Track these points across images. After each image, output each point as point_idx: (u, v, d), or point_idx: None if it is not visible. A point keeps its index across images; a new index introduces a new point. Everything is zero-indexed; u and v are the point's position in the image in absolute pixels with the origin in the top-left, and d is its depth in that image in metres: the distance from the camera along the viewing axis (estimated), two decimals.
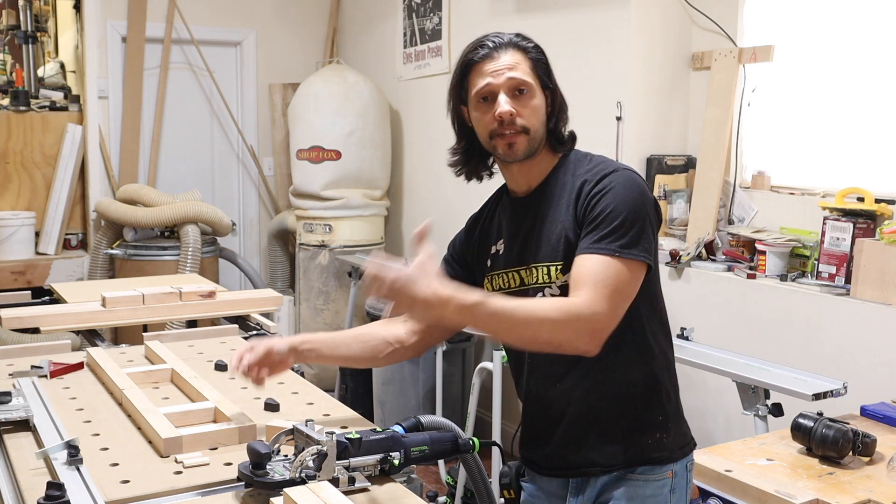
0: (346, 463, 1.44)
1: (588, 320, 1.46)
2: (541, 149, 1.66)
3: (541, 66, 1.66)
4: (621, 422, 1.62)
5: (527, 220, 1.67)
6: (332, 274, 5.02)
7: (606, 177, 1.58)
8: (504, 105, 1.59)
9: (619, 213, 1.52)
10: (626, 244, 1.51)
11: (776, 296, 3.09)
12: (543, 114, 1.64)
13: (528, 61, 1.64)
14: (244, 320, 2.66)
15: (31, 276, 4.94)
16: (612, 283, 1.48)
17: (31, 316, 2.47)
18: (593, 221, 1.54)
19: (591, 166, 1.63)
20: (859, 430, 1.70)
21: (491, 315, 1.45)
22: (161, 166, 5.56)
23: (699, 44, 3.70)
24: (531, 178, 1.68)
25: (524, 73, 1.62)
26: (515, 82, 1.61)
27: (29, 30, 5.45)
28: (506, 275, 1.69)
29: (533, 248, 1.64)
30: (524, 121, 1.61)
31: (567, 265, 1.56)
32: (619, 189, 1.55)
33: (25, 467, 1.48)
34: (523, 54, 1.64)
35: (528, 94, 1.62)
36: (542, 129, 1.64)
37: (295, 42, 5.84)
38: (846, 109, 3.15)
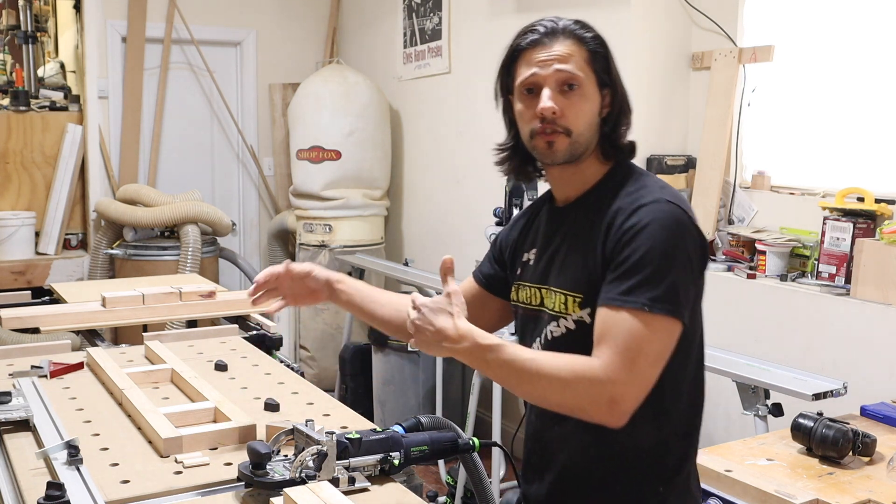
0: (346, 463, 1.44)
1: (604, 387, 1.27)
2: (587, 155, 1.46)
3: (599, 59, 1.46)
4: (616, 486, 1.45)
5: (558, 234, 1.51)
6: None
7: (641, 209, 1.36)
8: (546, 101, 1.41)
9: (651, 259, 1.31)
10: (657, 297, 1.30)
11: (776, 296, 3.08)
12: (594, 115, 1.45)
13: (583, 53, 1.44)
14: (244, 320, 2.66)
15: (31, 276, 4.95)
16: (638, 345, 1.28)
17: (31, 316, 2.47)
18: (621, 265, 1.33)
19: (632, 189, 1.42)
20: (859, 430, 1.70)
21: (502, 363, 1.33)
22: (161, 166, 5.56)
23: (699, 44, 3.70)
24: (572, 187, 1.50)
25: (576, 67, 1.42)
26: (564, 76, 1.41)
27: (29, 30, 5.46)
28: (529, 289, 1.54)
29: (556, 269, 1.48)
30: (568, 121, 1.42)
31: (587, 300, 1.39)
32: (655, 228, 1.33)
33: (25, 467, 1.48)
34: (579, 44, 1.44)
35: (577, 90, 1.42)
36: (590, 133, 1.44)
37: (295, 42, 5.84)
38: (846, 109, 3.15)
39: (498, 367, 1.35)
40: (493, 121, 1.59)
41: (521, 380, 1.33)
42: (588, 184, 1.49)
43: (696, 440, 1.52)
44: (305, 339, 5.15)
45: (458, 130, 4.68)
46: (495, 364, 1.34)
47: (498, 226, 3.33)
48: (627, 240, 1.34)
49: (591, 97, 1.44)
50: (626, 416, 1.29)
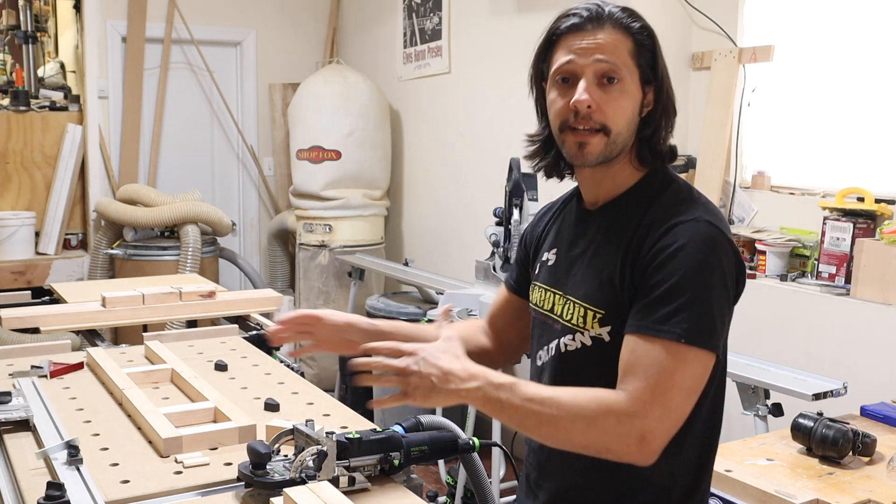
0: (346, 463, 1.44)
1: (633, 423, 1.17)
2: (621, 157, 1.33)
3: (646, 53, 1.32)
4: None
5: (584, 239, 1.39)
6: (332, 274, 5.02)
7: (677, 227, 1.24)
8: (582, 93, 1.27)
9: (687, 286, 1.20)
10: (693, 329, 1.19)
11: (776, 296, 3.08)
12: (634, 114, 1.31)
13: (628, 44, 1.30)
14: (244, 320, 2.66)
15: (31, 276, 4.95)
16: (670, 378, 1.18)
17: (31, 316, 2.47)
18: (654, 289, 1.22)
19: (668, 203, 1.30)
20: (859, 430, 1.70)
21: (518, 404, 1.22)
22: (161, 166, 5.56)
23: (699, 44, 3.70)
24: (603, 191, 1.38)
25: (619, 58, 1.29)
26: (605, 67, 1.28)
27: (29, 30, 5.46)
28: (544, 291, 1.44)
29: (577, 279, 1.37)
30: (605, 118, 1.28)
31: (608, 318, 1.29)
32: (691, 251, 1.22)
33: (25, 467, 1.48)
34: (625, 34, 1.31)
35: (619, 84, 1.28)
36: (628, 134, 1.31)
37: (295, 42, 5.84)
38: (846, 109, 3.15)
39: (513, 409, 1.23)
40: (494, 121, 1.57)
41: (541, 421, 1.22)
42: (620, 188, 1.36)
43: (708, 472, 1.39)
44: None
45: (458, 130, 4.68)
46: (510, 405, 1.23)
47: (498, 226, 3.32)
48: (661, 261, 1.23)
49: (632, 94, 1.31)
50: (655, 454, 1.20)
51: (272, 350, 2.43)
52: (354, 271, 4.68)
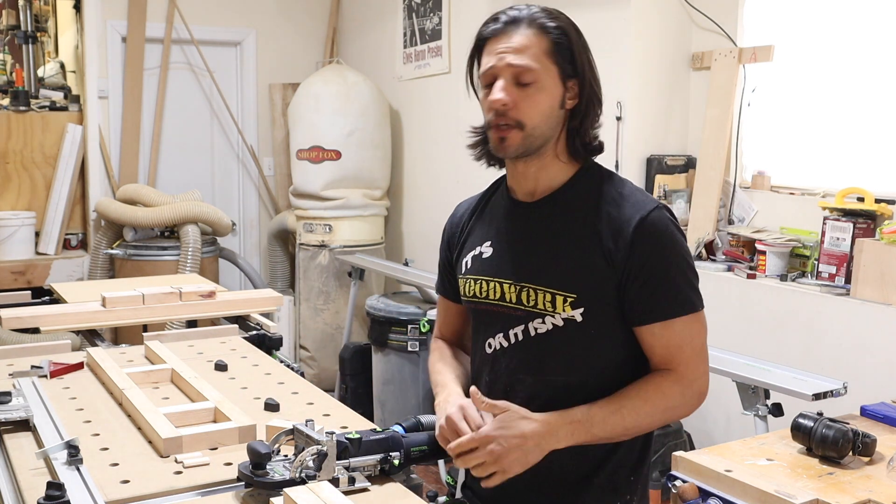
0: (346, 463, 1.44)
1: (692, 388, 1.42)
2: (545, 149, 1.44)
3: (563, 50, 1.41)
4: (594, 479, 1.47)
5: (530, 230, 1.48)
6: (332, 274, 5.02)
7: (651, 219, 1.40)
8: (496, 93, 1.39)
9: (682, 267, 1.41)
10: (696, 298, 1.43)
11: (776, 296, 3.08)
12: (552, 108, 1.41)
13: (544, 43, 1.40)
14: (244, 320, 2.66)
15: (31, 276, 4.95)
16: (700, 342, 1.43)
17: (31, 316, 2.47)
18: (654, 281, 1.39)
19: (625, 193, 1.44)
20: (859, 430, 1.70)
21: (604, 422, 1.38)
22: (161, 166, 5.56)
23: (699, 44, 3.70)
24: (537, 183, 1.48)
25: (533, 58, 1.38)
26: (517, 69, 1.38)
27: (29, 30, 5.46)
28: (486, 283, 1.50)
29: (534, 267, 1.45)
30: (519, 114, 1.39)
31: (581, 301, 1.40)
32: (670, 236, 1.41)
33: (25, 467, 1.48)
34: (540, 34, 1.40)
35: (533, 84, 1.39)
36: (547, 127, 1.41)
37: (295, 42, 5.84)
38: (846, 109, 3.15)
39: (599, 427, 1.38)
40: None
41: (627, 429, 1.40)
42: (556, 180, 1.47)
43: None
44: (305, 339, 5.15)
45: (458, 130, 4.66)
46: (598, 427, 1.38)
47: None
48: (654, 256, 1.39)
49: (549, 89, 1.40)
50: (706, 395, 1.45)
51: (272, 350, 2.44)
52: (354, 271, 4.68)
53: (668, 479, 1.68)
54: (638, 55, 3.64)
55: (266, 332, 2.51)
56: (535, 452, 1.36)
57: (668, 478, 1.67)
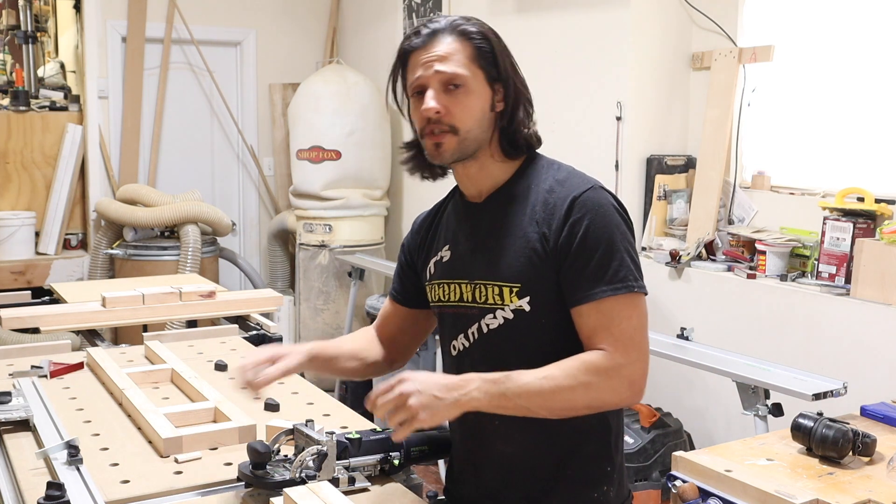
0: (346, 463, 1.44)
1: (620, 373, 1.34)
2: (480, 151, 1.46)
3: (485, 55, 1.44)
4: (567, 471, 1.46)
5: (479, 229, 1.50)
6: (332, 274, 5.02)
7: (583, 199, 1.40)
8: (429, 101, 1.41)
9: (615, 247, 1.37)
10: (633, 278, 1.37)
11: (776, 296, 3.08)
12: (483, 111, 1.43)
13: (467, 49, 1.43)
14: (244, 320, 2.66)
15: (31, 276, 4.94)
16: (632, 325, 1.36)
17: (31, 316, 2.47)
18: (589, 259, 1.37)
19: (559, 178, 1.45)
20: (859, 430, 1.70)
21: (520, 390, 1.33)
22: (161, 166, 5.56)
23: (699, 44, 3.70)
24: (480, 183, 1.51)
25: (458, 65, 1.41)
26: (445, 76, 1.41)
27: (29, 30, 5.46)
28: (447, 286, 1.52)
29: (483, 263, 1.47)
30: (453, 119, 1.41)
31: (526, 290, 1.41)
32: (606, 216, 1.39)
33: (25, 467, 1.48)
34: (463, 41, 1.43)
35: (462, 88, 1.41)
36: (480, 129, 1.44)
37: (295, 42, 5.84)
38: (846, 109, 3.15)
39: (517, 395, 1.33)
40: None
41: (545, 398, 1.33)
42: (498, 178, 1.50)
43: (623, 414, 1.56)
44: (305, 339, 5.15)
45: None
46: (514, 393, 1.33)
47: None
48: (582, 234, 1.37)
49: (478, 93, 1.43)
50: (643, 391, 1.36)
51: None
52: (354, 271, 4.68)
53: (668, 479, 1.68)
54: (638, 55, 3.64)
55: (266, 332, 2.51)
56: (447, 404, 1.32)
57: (668, 478, 1.67)
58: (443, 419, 1.35)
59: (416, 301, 1.64)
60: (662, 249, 3.56)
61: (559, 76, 3.85)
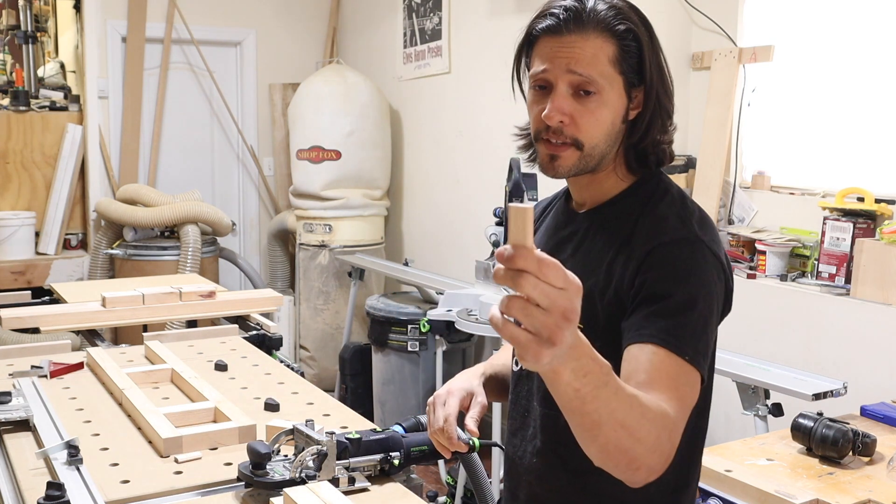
0: (346, 463, 1.44)
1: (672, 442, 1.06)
2: (603, 167, 1.26)
3: (630, 57, 1.20)
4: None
5: (570, 242, 1.32)
6: (332, 274, 5.02)
7: (672, 244, 1.18)
8: (553, 108, 1.19)
9: (694, 308, 1.14)
10: (699, 350, 1.13)
11: (776, 296, 3.08)
12: (614, 124, 1.22)
13: (611, 49, 1.19)
14: (244, 320, 2.66)
15: (31, 276, 4.95)
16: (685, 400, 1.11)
17: (31, 316, 2.47)
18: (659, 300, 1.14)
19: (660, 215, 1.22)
20: (859, 430, 1.70)
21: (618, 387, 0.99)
22: (161, 166, 5.56)
23: (699, 44, 3.70)
24: (590, 195, 1.32)
25: (597, 69, 1.18)
26: (579, 80, 1.19)
27: (29, 30, 5.46)
28: None
29: None
30: (578, 132, 1.20)
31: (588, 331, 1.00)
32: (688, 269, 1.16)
33: (25, 467, 1.48)
34: (607, 38, 1.19)
35: (596, 97, 1.19)
36: (607, 145, 1.23)
37: (295, 42, 5.84)
38: (846, 109, 3.15)
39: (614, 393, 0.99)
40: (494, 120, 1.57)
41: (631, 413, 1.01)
42: (608, 192, 1.30)
43: (690, 496, 1.32)
44: (305, 339, 5.15)
45: (458, 130, 4.68)
46: (613, 386, 0.98)
47: (498, 226, 3.33)
48: (657, 278, 1.16)
49: (612, 104, 1.21)
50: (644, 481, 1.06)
51: (272, 350, 2.44)
52: (354, 271, 4.68)
53: None
54: None
55: (266, 332, 2.51)
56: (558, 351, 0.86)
57: None
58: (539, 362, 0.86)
59: None
60: None
61: None
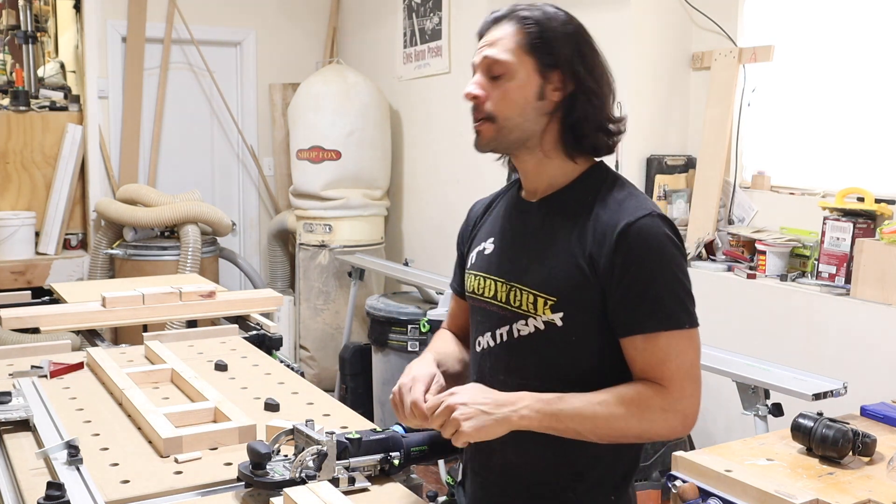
0: (346, 463, 1.44)
1: (675, 407, 1.32)
2: (531, 143, 1.40)
3: (539, 43, 1.36)
4: (569, 493, 1.43)
5: (527, 230, 1.45)
6: (332, 274, 5.02)
7: (637, 224, 1.33)
8: (470, 86, 1.39)
9: (667, 279, 1.33)
10: (689, 313, 1.35)
11: (776, 296, 3.08)
12: (527, 99, 1.37)
13: (519, 36, 1.37)
14: (244, 320, 2.66)
15: (31, 276, 4.94)
16: (690, 360, 1.34)
17: (31, 316, 2.47)
18: (638, 291, 1.32)
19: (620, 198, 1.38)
20: (859, 430, 1.70)
21: (573, 413, 1.30)
22: (161, 166, 5.56)
23: (699, 44, 3.70)
24: (536, 181, 1.45)
25: (504, 51, 1.37)
26: (487, 61, 1.38)
27: (29, 30, 5.45)
28: (483, 280, 1.48)
29: (524, 267, 1.42)
30: (491, 107, 1.38)
31: (561, 305, 1.36)
32: (658, 246, 1.34)
33: (25, 467, 1.48)
34: (517, 26, 1.38)
35: (504, 76, 1.37)
36: (523, 119, 1.38)
37: (295, 42, 5.84)
38: (846, 109, 3.15)
39: (569, 419, 1.31)
40: None
41: (597, 424, 1.31)
42: (556, 180, 1.44)
43: (640, 454, 1.51)
44: (305, 339, 5.15)
45: (458, 130, 4.67)
46: (566, 415, 1.30)
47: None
48: (637, 264, 1.32)
49: (522, 81, 1.37)
50: (694, 424, 1.35)
51: (272, 350, 2.44)
52: (354, 271, 4.68)
53: (668, 479, 1.68)
54: (638, 55, 3.64)
55: (266, 332, 2.51)
56: (496, 419, 1.30)
57: (668, 478, 1.68)
58: (490, 435, 1.31)
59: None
60: None
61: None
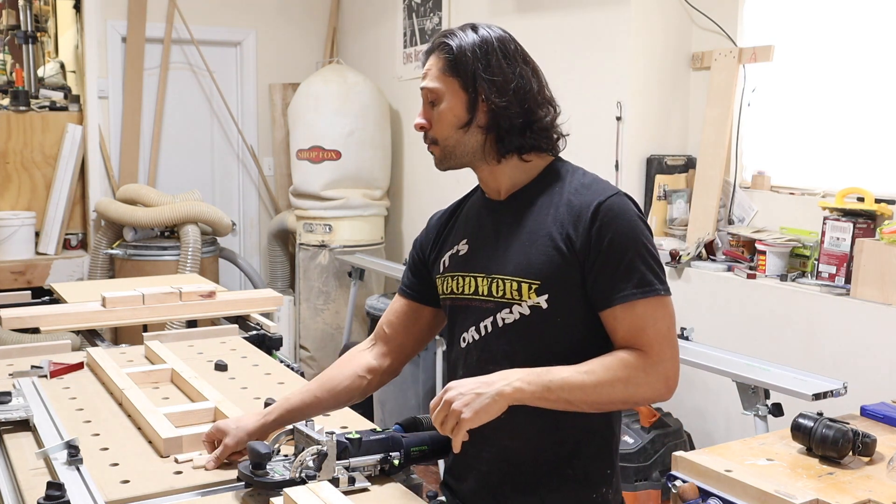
0: (346, 463, 1.44)
1: (656, 369, 1.41)
2: (477, 155, 1.52)
3: (455, 65, 1.49)
4: (568, 470, 1.49)
5: (501, 225, 1.54)
6: (332, 274, 5.02)
7: (608, 202, 1.44)
8: (417, 118, 1.54)
9: (643, 251, 1.43)
10: (661, 281, 1.44)
11: (776, 296, 3.08)
12: (457, 118, 1.49)
13: (440, 62, 1.50)
14: (244, 320, 2.66)
15: (31, 276, 4.94)
16: (666, 325, 1.43)
17: (31, 316, 2.47)
18: (614, 263, 1.42)
19: (587, 183, 1.50)
20: (859, 430, 1.70)
21: (562, 384, 1.37)
22: (161, 166, 5.56)
23: (699, 44, 3.70)
24: (497, 184, 1.56)
25: (433, 79, 1.51)
26: (425, 92, 1.53)
27: (29, 30, 5.46)
28: (462, 278, 1.55)
29: (503, 259, 1.50)
30: (433, 132, 1.52)
31: (545, 287, 1.44)
32: (629, 221, 1.44)
33: (25, 467, 1.49)
34: (438, 55, 1.51)
35: (437, 101, 1.51)
36: (458, 137, 1.50)
37: (295, 42, 5.84)
38: (846, 109, 3.15)
39: (560, 389, 1.37)
40: None
41: (587, 392, 1.38)
42: (518, 180, 1.54)
43: (621, 421, 1.61)
44: (305, 339, 5.15)
45: None
46: (557, 386, 1.37)
47: None
48: (612, 238, 1.42)
49: (451, 103, 1.49)
50: (676, 386, 1.44)
51: (272, 350, 2.44)
52: (354, 271, 4.68)
53: (668, 479, 1.68)
54: (638, 55, 3.64)
55: (266, 332, 2.51)
56: (490, 397, 1.35)
57: (668, 478, 1.68)
58: (490, 414, 1.35)
59: (426, 297, 1.66)
60: (662, 249, 3.56)
61: (559, 76, 3.85)
